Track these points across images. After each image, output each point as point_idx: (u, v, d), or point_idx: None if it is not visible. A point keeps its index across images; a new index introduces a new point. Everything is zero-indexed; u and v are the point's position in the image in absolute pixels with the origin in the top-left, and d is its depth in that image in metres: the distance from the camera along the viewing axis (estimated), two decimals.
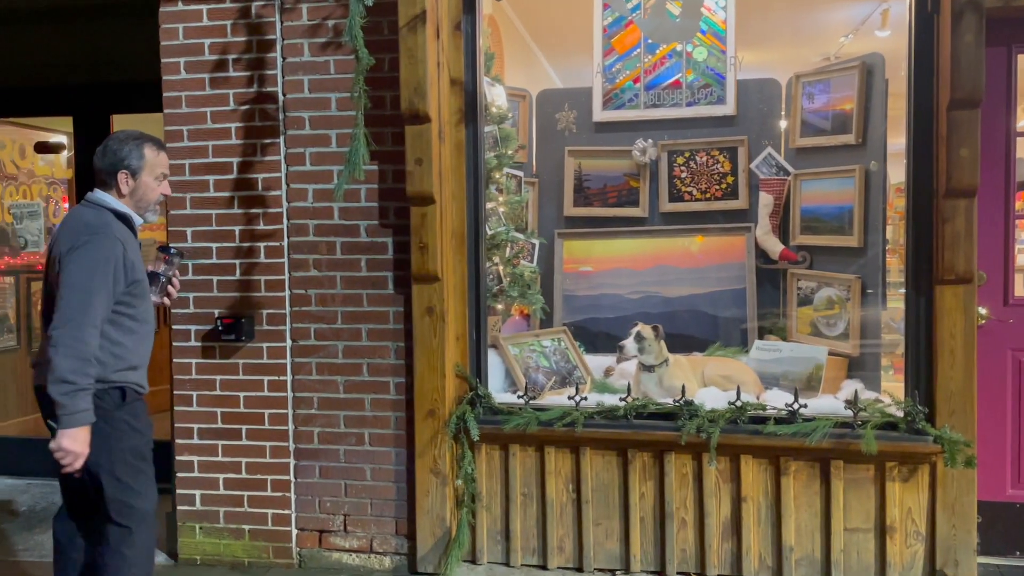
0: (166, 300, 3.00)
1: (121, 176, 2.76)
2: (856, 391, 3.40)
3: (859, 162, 3.85)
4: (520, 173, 4.31)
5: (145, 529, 2.80)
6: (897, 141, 3.71)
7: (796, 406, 3.34)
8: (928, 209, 3.26)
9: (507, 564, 3.62)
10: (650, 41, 4.17)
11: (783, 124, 4.20)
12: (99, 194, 2.78)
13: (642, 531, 3.51)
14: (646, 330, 3.74)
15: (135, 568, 2.78)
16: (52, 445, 2.58)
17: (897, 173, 3.93)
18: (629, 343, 3.74)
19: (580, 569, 3.56)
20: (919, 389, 3.29)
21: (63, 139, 5.67)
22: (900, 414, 3.30)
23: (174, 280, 2.99)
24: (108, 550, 2.77)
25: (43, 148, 5.67)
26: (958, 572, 3.27)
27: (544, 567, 3.59)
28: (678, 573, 3.48)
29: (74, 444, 2.56)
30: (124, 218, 2.77)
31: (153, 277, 2.92)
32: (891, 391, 3.51)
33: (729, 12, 4.11)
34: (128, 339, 2.74)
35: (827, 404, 3.48)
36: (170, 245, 3.02)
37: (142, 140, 2.81)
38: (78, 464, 2.59)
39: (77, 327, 2.55)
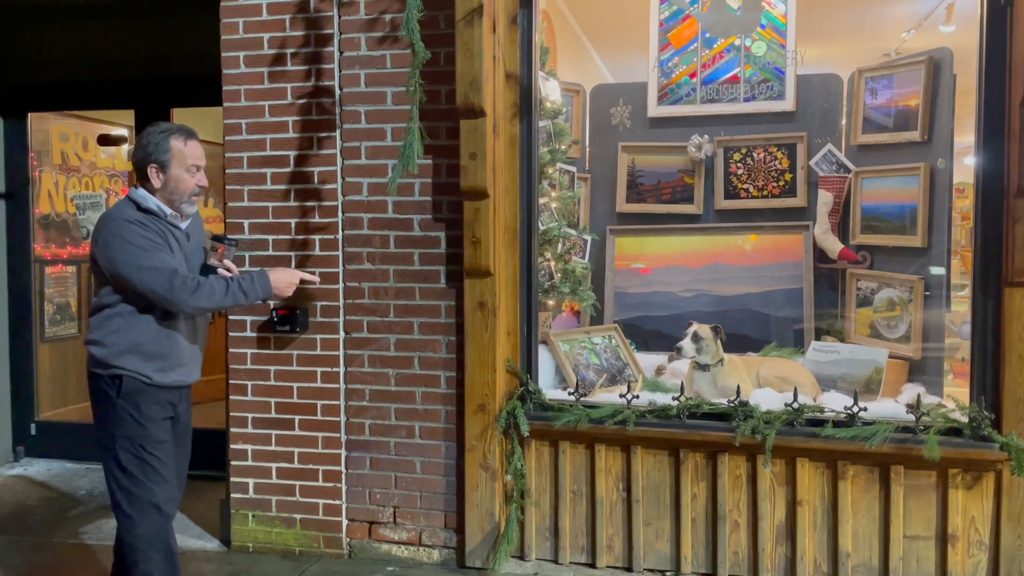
0: None
1: (151, 171, 2.76)
2: (918, 395, 3.30)
3: (923, 160, 3.74)
4: (573, 168, 4.29)
5: (151, 520, 2.75)
6: (963, 139, 3.60)
7: (855, 409, 3.26)
8: (997, 209, 3.15)
9: (555, 561, 3.60)
10: (708, 35, 4.11)
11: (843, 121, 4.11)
12: (135, 190, 2.80)
13: (693, 532, 3.46)
14: (704, 330, 3.68)
15: (149, 562, 2.74)
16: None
17: (960, 173, 3.82)
18: (687, 344, 3.66)
19: (629, 568, 3.52)
20: (985, 394, 3.18)
21: (124, 132, 5.80)
22: (965, 420, 3.20)
23: (221, 272, 2.90)
24: (123, 538, 2.79)
25: (105, 141, 5.82)
26: None
27: (593, 565, 3.56)
28: None
29: (279, 292, 2.89)
30: (148, 210, 2.76)
31: (207, 270, 2.90)
32: (954, 396, 3.40)
33: (790, 6, 4.02)
34: (136, 327, 2.75)
35: (887, 408, 3.38)
36: (225, 236, 3.00)
37: (168, 132, 2.77)
38: (296, 280, 2.94)
39: (178, 294, 2.69)
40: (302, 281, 2.98)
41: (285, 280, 2.90)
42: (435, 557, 3.70)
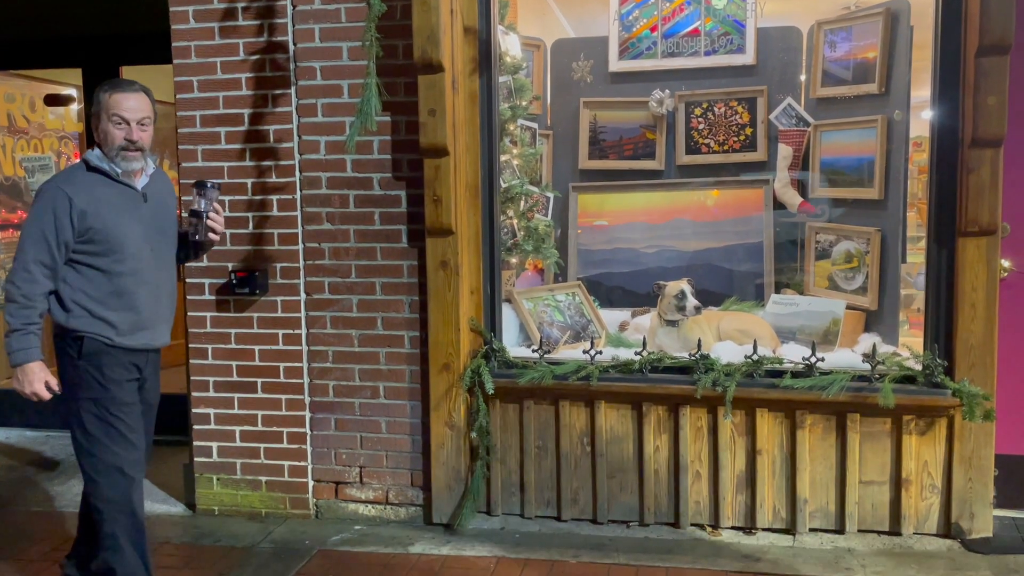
0: (212, 236, 2.92)
1: (92, 124, 2.79)
2: (874, 345, 3.37)
3: (881, 112, 3.77)
4: (534, 125, 4.25)
5: (115, 483, 2.74)
6: (919, 93, 3.63)
7: (813, 360, 3.32)
8: (952, 159, 3.20)
9: (522, 515, 3.64)
10: None
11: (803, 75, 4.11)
12: (90, 150, 2.79)
13: (656, 484, 3.52)
14: (688, 286, 3.71)
15: (114, 524, 2.73)
16: None
17: (917, 127, 3.85)
18: (692, 300, 3.67)
19: (595, 520, 3.58)
20: (938, 342, 3.26)
21: (73, 92, 5.62)
22: (918, 367, 3.27)
23: (213, 216, 2.89)
24: (89, 500, 2.79)
25: (53, 101, 5.63)
26: (973, 525, 3.27)
27: (559, 519, 3.61)
28: (692, 525, 3.50)
29: (17, 384, 2.71)
30: (98, 169, 2.75)
31: (195, 215, 2.89)
32: (909, 345, 3.48)
33: None
34: (90, 287, 2.71)
35: (844, 358, 3.45)
36: (205, 180, 2.97)
37: (103, 86, 2.78)
38: (44, 396, 2.72)
39: (12, 273, 2.70)
40: (35, 395, 2.73)
41: (29, 379, 2.70)
42: (402, 515, 3.72)
